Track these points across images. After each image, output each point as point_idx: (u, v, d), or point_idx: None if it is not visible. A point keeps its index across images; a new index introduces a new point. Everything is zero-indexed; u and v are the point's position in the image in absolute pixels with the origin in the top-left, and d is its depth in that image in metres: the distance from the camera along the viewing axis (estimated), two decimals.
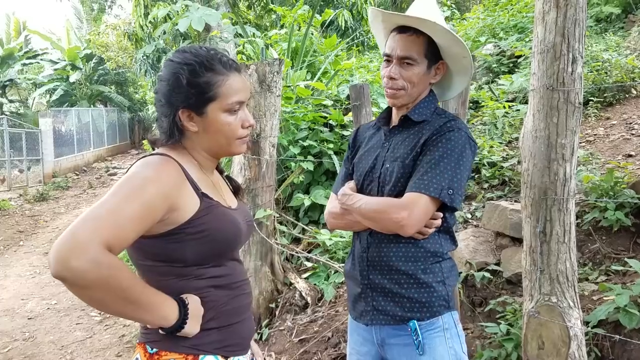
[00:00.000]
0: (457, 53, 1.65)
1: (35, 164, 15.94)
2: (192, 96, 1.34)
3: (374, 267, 1.65)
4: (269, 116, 3.79)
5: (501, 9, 9.18)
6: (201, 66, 1.35)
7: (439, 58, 1.67)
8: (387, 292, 1.62)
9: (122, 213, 1.18)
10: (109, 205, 1.18)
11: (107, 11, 23.22)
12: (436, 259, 1.62)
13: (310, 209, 4.61)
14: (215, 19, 7.59)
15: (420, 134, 1.64)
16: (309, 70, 6.36)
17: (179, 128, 1.38)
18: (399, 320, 1.60)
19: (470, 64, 1.68)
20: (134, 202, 1.20)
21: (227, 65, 1.38)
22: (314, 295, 3.85)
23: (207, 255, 1.36)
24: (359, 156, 1.81)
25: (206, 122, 1.37)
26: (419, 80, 1.65)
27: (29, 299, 6.06)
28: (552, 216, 2.09)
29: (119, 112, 23.38)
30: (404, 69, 1.64)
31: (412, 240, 1.59)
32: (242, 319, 1.46)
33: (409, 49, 1.62)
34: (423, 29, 1.62)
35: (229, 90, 1.37)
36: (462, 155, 1.56)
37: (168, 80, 1.36)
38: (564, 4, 1.98)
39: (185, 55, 1.37)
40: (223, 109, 1.37)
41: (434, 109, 1.70)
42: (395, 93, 1.66)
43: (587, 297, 2.71)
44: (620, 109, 5.17)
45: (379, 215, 1.57)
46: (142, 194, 1.22)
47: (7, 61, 21.60)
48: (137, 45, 13.30)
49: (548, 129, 2.07)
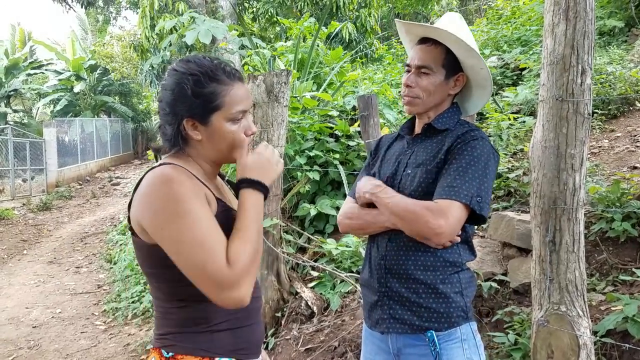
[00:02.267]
0: (474, 64, 1.67)
1: (38, 174, 16.00)
2: (196, 106, 1.36)
3: (392, 275, 1.64)
4: (276, 126, 3.82)
5: (505, 22, 9.25)
6: (205, 76, 1.36)
7: (459, 70, 1.69)
8: (404, 300, 1.61)
9: (203, 233, 1.25)
10: (191, 240, 1.24)
11: (112, 22, 23.39)
12: (455, 269, 1.61)
13: (316, 219, 4.62)
14: (222, 32, 7.67)
15: (442, 142, 1.66)
16: (315, 81, 6.41)
17: (183, 137, 1.40)
18: (416, 330, 1.59)
19: (488, 76, 1.70)
20: (200, 225, 1.25)
21: (230, 75, 1.40)
22: (320, 305, 3.85)
23: None
24: (381, 163, 1.82)
25: (210, 131, 1.39)
26: (435, 89, 1.67)
27: (34, 307, 6.07)
28: (561, 225, 2.11)
29: (122, 122, 23.47)
30: (421, 77, 1.68)
31: (431, 250, 1.60)
32: (253, 323, 1.48)
33: (426, 58, 1.67)
34: (436, 38, 1.66)
35: (233, 99, 1.39)
36: (488, 165, 1.58)
37: (173, 90, 1.37)
38: (573, 17, 2.01)
39: (190, 65, 1.38)
40: (227, 118, 1.38)
41: (457, 120, 1.72)
42: (411, 100, 1.70)
43: (594, 307, 2.72)
44: (624, 122, 5.20)
45: (413, 217, 1.53)
46: (191, 210, 1.26)
47: (12, 71, 21.76)
48: (143, 57, 13.37)
49: (557, 139, 2.09)
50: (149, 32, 12.07)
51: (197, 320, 1.37)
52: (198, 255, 1.22)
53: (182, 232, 1.24)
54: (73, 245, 9.41)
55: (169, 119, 1.39)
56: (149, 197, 1.29)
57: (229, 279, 1.22)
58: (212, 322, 1.37)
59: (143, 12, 12.19)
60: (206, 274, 1.21)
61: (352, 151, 4.93)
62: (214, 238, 1.25)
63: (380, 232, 1.70)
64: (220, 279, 1.21)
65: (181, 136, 1.39)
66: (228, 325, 1.40)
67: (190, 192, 1.29)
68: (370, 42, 13.02)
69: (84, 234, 10.22)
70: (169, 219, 1.25)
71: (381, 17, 15.59)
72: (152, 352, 1.43)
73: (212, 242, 1.24)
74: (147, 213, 1.28)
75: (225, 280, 1.21)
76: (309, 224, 4.67)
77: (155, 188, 1.29)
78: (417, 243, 1.59)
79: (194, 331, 1.37)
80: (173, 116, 1.38)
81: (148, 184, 1.31)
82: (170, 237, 1.25)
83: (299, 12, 12.86)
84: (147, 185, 1.31)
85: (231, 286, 1.22)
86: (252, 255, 1.28)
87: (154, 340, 1.44)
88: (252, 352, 1.47)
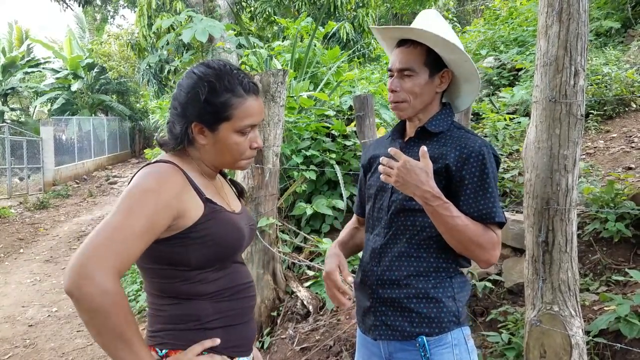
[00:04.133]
0: (456, 59, 1.63)
1: (35, 172, 15.97)
2: (207, 113, 1.38)
3: (383, 282, 1.63)
4: (273, 126, 3.83)
5: (502, 23, 9.27)
6: (221, 86, 1.37)
7: (443, 66, 1.65)
8: (396, 306, 1.60)
9: (128, 232, 1.21)
10: (115, 225, 1.21)
11: (109, 21, 23.37)
12: (448, 274, 1.60)
13: (312, 218, 4.63)
14: (219, 31, 7.66)
15: (439, 147, 1.62)
16: (312, 81, 6.41)
17: (189, 138, 1.41)
18: (407, 336, 1.58)
19: (473, 69, 1.66)
20: (138, 219, 1.23)
21: (246, 88, 1.40)
22: (316, 304, 3.86)
23: (211, 259, 1.39)
24: (374, 170, 1.78)
25: (216, 138, 1.40)
26: (421, 90, 1.64)
27: (30, 306, 6.06)
28: (554, 226, 2.12)
29: (120, 121, 23.45)
30: (404, 80, 1.64)
31: (424, 256, 1.59)
32: (246, 321, 1.49)
33: (406, 60, 1.63)
34: (413, 37, 1.63)
35: (245, 113, 1.39)
36: (496, 174, 1.58)
37: (187, 92, 1.39)
38: (567, 18, 2.03)
39: (209, 71, 1.39)
40: (235, 130, 1.40)
41: (450, 121, 1.68)
42: (398, 105, 1.66)
43: (588, 307, 2.73)
44: (620, 122, 5.22)
45: (477, 248, 1.52)
46: (145, 208, 1.25)
47: (9, 69, 21.72)
48: (140, 55, 13.38)
49: (550, 140, 2.10)
50: (147, 30, 12.07)
51: (188, 318, 1.38)
52: (107, 242, 1.19)
53: (122, 210, 1.24)
54: (70, 244, 9.40)
55: (179, 119, 1.41)
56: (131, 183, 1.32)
57: (90, 284, 1.15)
58: (203, 320, 1.38)
59: (140, 11, 12.19)
60: (91, 260, 1.16)
61: (348, 151, 4.94)
62: (128, 243, 1.21)
63: (373, 238, 1.71)
64: (89, 278, 1.15)
65: (187, 137, 1.41)
66: (220, 323, 1.41)
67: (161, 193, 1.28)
68: (368, 42, 13.02)
69: (80, 233, 10.20)
70: (124, 198, 1.27)
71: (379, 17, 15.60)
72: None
73: (123, 243, 1.21)
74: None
75: (88, 281, 1.15)
76: (305, 223, 4.68)
77: (140, 176, 1.33)
78: (410, 250, 1.60)
79: (186, 328, 1.38)
80: (183, 117, 1.40)
81: (139, 174, 1.34)
82: (114, 208, 1.26)
83: (296, 11, 12.85)
84: (137, 176, 1.34)
85: (83, 287, 1.15)
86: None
87: (147, 338, 1.44)
88: (244, 350, 1.48)
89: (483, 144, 1.58)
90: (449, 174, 1.57)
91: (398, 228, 1.63)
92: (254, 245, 3.86)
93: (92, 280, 1.14)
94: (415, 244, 1.60)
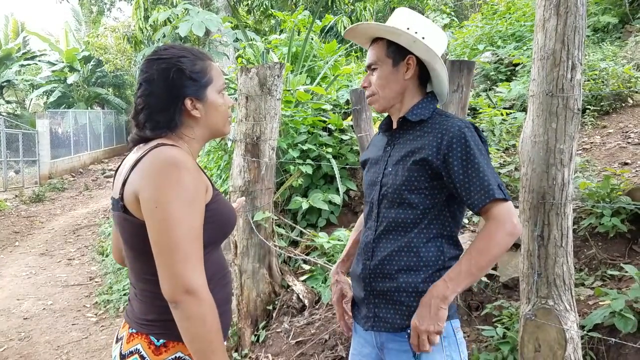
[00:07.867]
0: (408, 39, 1.64)
1: (31, 165, 15.92)
2: (194, 84, 1.45)
3: (375, 275, 1.66)
4: (269, 119, 3.81)
5: (499, 18, 9.25)
6: (192, 57, 1.47)
7: (407, 53, 1.67)
8: (388, 299, 1.63)
9: (195, 233, 1.32)
10: (184, 229, 1.30)
11: (106, 14, 23.23)
12: (437, 266, 1.61)
13: (308, 212, 4.62)
14: (216, 24, 7.63)
15: (421, 137, 1.63)
16: (309, 74, 6.39)
17: (180, 118, 1.45)
18: (397, 329, 1.61)
19: (433, 52, 1.64)
20: (193, 217, 1.32)
21: (204, 54, 1.52)
22: (311, 298, 3.86)
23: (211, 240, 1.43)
24: (367, 168, 1.83)
25: (207, 105, 1.48)
26: (386, 81, 1.69)
27: (25, 299, 6.05)
28: (550, 220, 2.12)
29: (116, 114, 23.38)
30: (372, 74, 1.73)
31: (414, 251, 1.61)
32: (227, 309, 1.53)
33: (371, 55, 1.73)
34: (370, 33, 1.73)
35: (217, 72, 1.52)
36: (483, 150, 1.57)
37: (167, 74, 1.42)
38: (564, 12, 2.02)
39: (173, 51, 1.47)
40: (217, 90, 1.50)
41: (432, 109, 1.69)
42: (371, 99, 1.75)
43: (583, 302, 2.74)
44: (616, 118, 5.23)
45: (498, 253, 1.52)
46: (193, 204, 1.32)
47: (4, 62, 21.60)
48: (137, 48, 13.32)
49: (547, 134, 2.10)
50: (143, 23, 12.02)
51: None
52: (184, 245, 1.29)
53: (178, 210, 1.30)
54: (65, 237, 9.38)
55: (164, 105, 1.43)
56: (154, 172, 1.32)
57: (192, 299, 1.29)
58: None
59: (137, 4, 12.13)
60: (172, 270, 1.28)
61: (345, 145, 4.93)
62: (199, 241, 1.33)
63: (366, 231, 1.73)
64: (189, 293, 1.28)
65: (179, 118, 1.45)
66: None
67: (195, 182, 1.34)
68: None
69: (76, 226, 10.18)
70: (169, 199, 1.29)
71: (377, 11, 15.53)
72: (137, 337, 1.42)
73: (196, 243, 1.32)
74: (148, 186, 1.31)
75: (189, 296, 1.28)
76: (301, 217, 4.67)
77: (162, 166, 1.33)
78: (400, 245, 1.62)
79: None
80: (171, 100, 1.43)
81: (153, 160, 1.34)
82: (160, 216, 1.29)
83: (293, 4, 12.82)
84: (153, 162, 1.34)
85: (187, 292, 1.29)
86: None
87: (137, 324, 1.43)
88: (225, 336, 1.50)
89: (463, 125, 1.58)
90: (432, 164, 1.58)
91: (388, 222, 1.65)
92: (250, 239, 3.85)
93: (193, 290, 1.27)
94: (406, 239, 1.62)
